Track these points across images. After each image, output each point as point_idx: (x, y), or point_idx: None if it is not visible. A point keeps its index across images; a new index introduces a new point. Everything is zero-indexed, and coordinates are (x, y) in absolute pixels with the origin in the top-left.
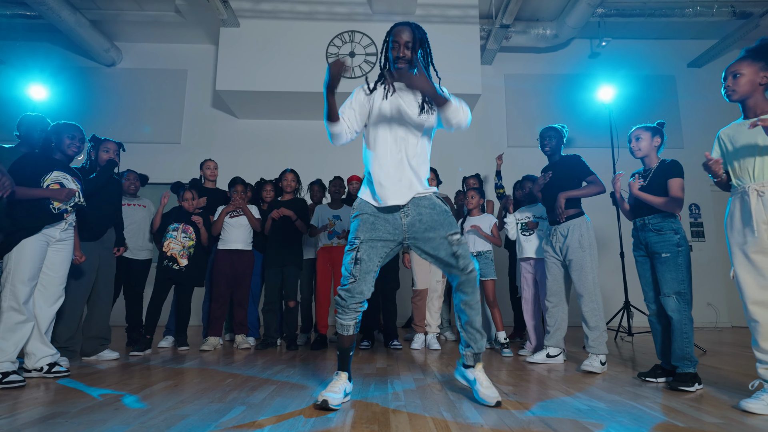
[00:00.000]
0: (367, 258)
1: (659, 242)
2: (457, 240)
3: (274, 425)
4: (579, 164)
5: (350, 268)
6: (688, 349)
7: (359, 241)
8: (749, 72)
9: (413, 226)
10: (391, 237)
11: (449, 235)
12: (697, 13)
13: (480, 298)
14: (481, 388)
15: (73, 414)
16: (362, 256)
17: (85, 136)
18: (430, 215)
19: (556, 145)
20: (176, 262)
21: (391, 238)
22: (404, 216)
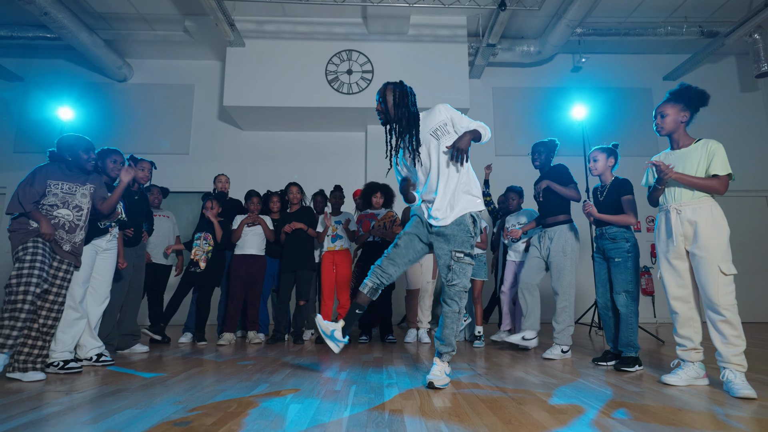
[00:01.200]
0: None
1: (613, 249)
2: (458, 258)
3: (295, 395)
4: (563, 173)
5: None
6: (632, 337)
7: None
8: (672, 112)
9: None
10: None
11: (454, 251)
12: (669, 32)
13: (457, 311)
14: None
15: (133, 390)
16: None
17: (125, 158)
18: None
19: (545, 159)
20: (198, 266)
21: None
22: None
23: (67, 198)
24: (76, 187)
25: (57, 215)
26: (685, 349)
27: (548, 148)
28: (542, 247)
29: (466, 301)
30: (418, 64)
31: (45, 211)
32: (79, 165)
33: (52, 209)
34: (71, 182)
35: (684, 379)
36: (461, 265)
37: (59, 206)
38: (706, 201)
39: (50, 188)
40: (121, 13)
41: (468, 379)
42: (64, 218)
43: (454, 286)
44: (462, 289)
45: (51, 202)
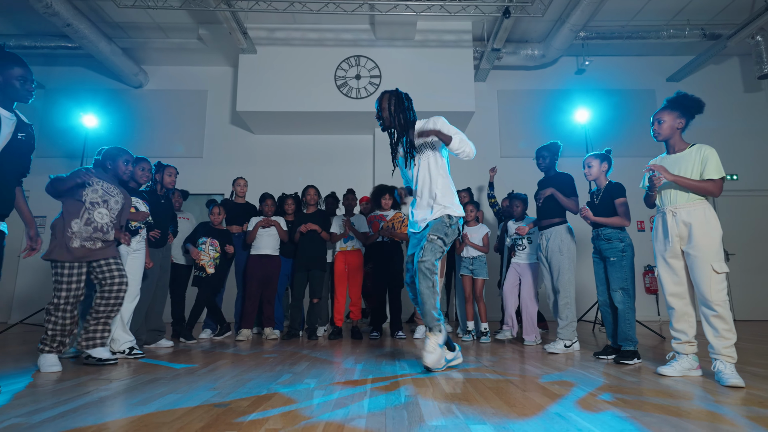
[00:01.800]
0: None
1: (609, 249)
2: (431, 239)
3: (317, 383)
4: (567, 184)
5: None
6: (630, 332)
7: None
8: (669, 119)
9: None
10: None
11: (429, 234)
12: (671, 35)
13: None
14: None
15: (168, 379)
16: None
17: (152, 166)
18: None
19: (549, 162)
20: (204, 271)
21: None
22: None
23: (107, 197)
24: (114, 189)
25: (96, 217)
26: (679, 342)
27: (551, 151)
28: (542, 249)
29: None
30: (424, 68)
31: (86, 210)
32: (116, 174)
33: (93, 207)
34: (111, 184)
35: (678, 370)
36: (432, 245)
37: (99, 204)
38: (700, 204)
39: (92, 185)
40: (138, 23)
41: (476, 370)
42: (103, 219)
43: (423, 263)
44: (431, 267)
45: (93, 199)
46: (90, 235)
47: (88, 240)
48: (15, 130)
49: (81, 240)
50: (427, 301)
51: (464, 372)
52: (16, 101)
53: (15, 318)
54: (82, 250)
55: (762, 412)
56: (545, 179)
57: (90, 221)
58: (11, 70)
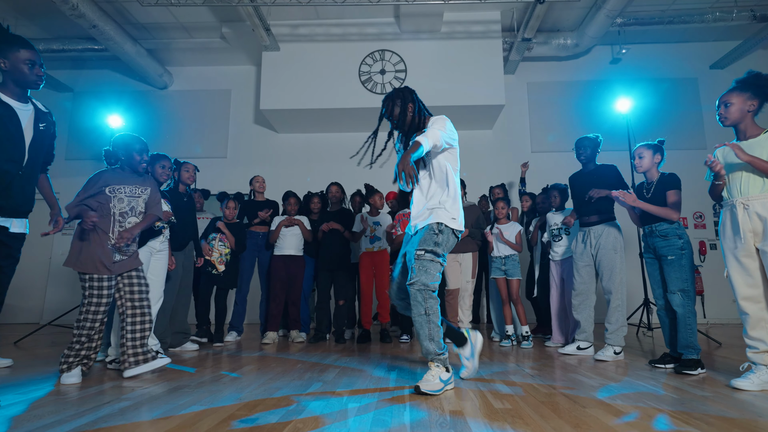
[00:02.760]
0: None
1: (665, 246)
2: (418, 255)
3: (351, 395)
4: (615, 176)
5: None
6: (692, 338)
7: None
8: (738, 101)
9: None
10: None
11: (416, 251)
12: (717, 18)
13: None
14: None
15: (193, 387)
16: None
17: (172, 164)
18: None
19: (590, 153)
20: (215, 268)
21: None
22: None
23: (133, 203)
24: (136, 190)
25: (128, 226)
26: (756, 352)
27: (593, 142)
28: (589, 247)
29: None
30: (451, 61)
31: (118, 221)
32: (131, 165)
33: (124, 219)
34: (132, 185)
35: (756, 384)
36: (421, 262)
37: (129, 214)
38: None
39: (115, 194)
40: (162, 23)
41: (521, 380)
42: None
43: (413, 284)
44: (421, 288)
45: (121, 210)
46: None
47: (122, 253)
48: (35, 121)
49: (120, 254)
50: (421, 331)
51: (509, 383)
52: (27, 88)
53: (46, 319)
54: (119, 264)
55: None
56: (584, 173)
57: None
58: (17, 53)
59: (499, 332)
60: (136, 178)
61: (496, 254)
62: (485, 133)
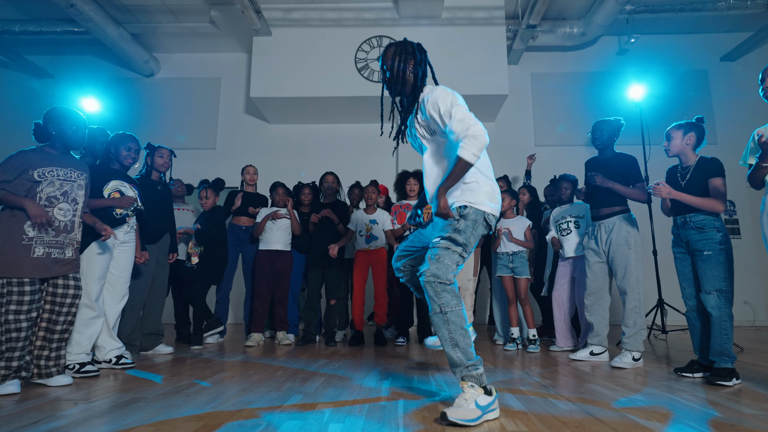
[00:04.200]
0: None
1: (701, 240)
2: (434, 243)
3: (334, 410)
4: (633, 167)
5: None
6: (727, 345)
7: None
8: None
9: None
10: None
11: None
12: (730, 6)
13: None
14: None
15: (150, 400)
16: None
17: (140, 146)
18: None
19: (607, 139)
20: (189, 260)
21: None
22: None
23: (65, 187)
24: (72, 173)
25: (57, 215)
26: None
27: (613, 126)
28: (600, 242)
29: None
30: (452, 49)
31: (44, 207)
32: (63, 142)
33: (51, 205)
34: (65, 167)
35: None
36: (434, 251)
37: (59, 199)
38: None
39: (44, 176)
40: (147, 5)
41: (532, 391)
42: (65, 216)
43: (422, 275)
44: (433, 280)
45: (50, 194)
46: (53, 239)
47: (55, 247)
48: None
49: (45, 246)
50: (440, 335)
51: (520, 395)
52: None
53: None
54: (45, 261)
55: None
56: (600, 160)
57: (50, 222)
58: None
59: (503, 335)
60: (70, 160)
61: (502, 250)
62: (488, 125)
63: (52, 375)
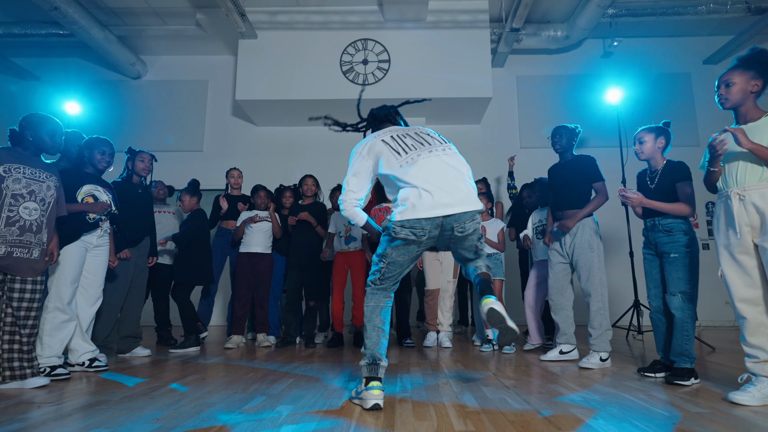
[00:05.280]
0: None
1: (669, 243)
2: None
3: (291, 412)
4: (592, 167)
5: None
6: (688, 345)
7: None
8: (741, 81)
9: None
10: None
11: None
12: (711, 10)
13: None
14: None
15: (114, 402)
16: None
17: (114, 149)
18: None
19: (566, 143)
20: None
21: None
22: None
23: (33, 186)
24: (41, 174)
25: (22, 214)
26: (756, 362)
27: (570, 132)
28: (564, 245)
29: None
30: (436, 52)
31: (8, 204)
32: (40, 148)
33: (17, 202)
34: (34, 167)
35: (757, 398)
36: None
37: (25, 197)
38: None
39: (11, 173)
40: (133, 8)
41: (494, 392)
42: (31, 216)
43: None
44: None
45: (16, 191)
46: (16, 237)
47: (19, 246)
48: None
49: (7, 246)
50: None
51: (481, 396)
52: None
53: None
54: (7, 260)
55: None
56: (561, 164)
57: (14, 220)
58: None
59: (480, 336)
60: (39, 162)
61: None
62: (473, 128)
63: (27, 377)
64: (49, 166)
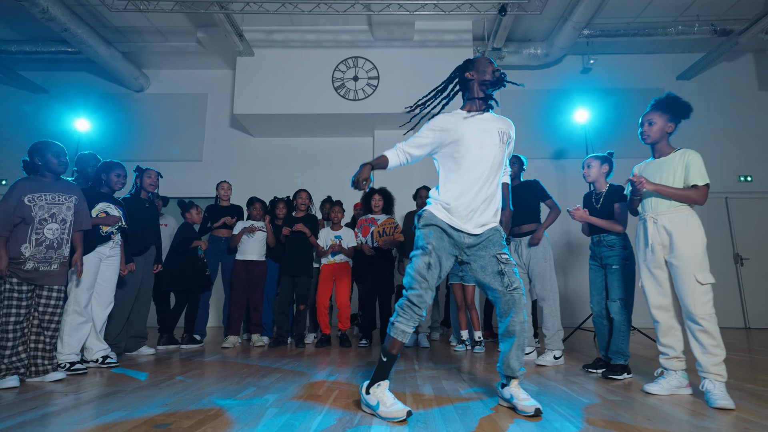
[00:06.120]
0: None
1: (612, 256)
2: (506, 259)
3: (277, 399)
4: (539, 188)
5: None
6: (623, 345)
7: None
8: (660, 122)
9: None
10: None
11: (498, 254)
12: (680, 31)
13: (524, 320)
14: (518, 402)
15: (127, 392)
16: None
17: (126, 172)
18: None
19: (517, 170)
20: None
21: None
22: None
23: (54, 209)
24: (60, 197)
25: (47, 234)
26: (667, 358)
27: (519, 161)
28: (521, 256)
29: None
30: (423, 69)
31: (35, 229)
32: (50, 169)
33: (41, 226)
34: (54, 192)
35: (666, 389)
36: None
37: (48, 220)
38: (682, 210)
39: (34, 201)
40: (137, 27)
41: (451, 385)
42: (54, 234)
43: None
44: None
45: (40, 216)
46: (44, 255)
47: (43, 262)
48: None
49: (35, 262)
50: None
51: (439, 386)
52: None
53: None
54: (34, 273)
55: None
56: (517, 186)
57: (41, 241)
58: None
59: (456, 337)
60: (59, 185)
61: None
62: None
63: (48, 372)
64: (68, 187)
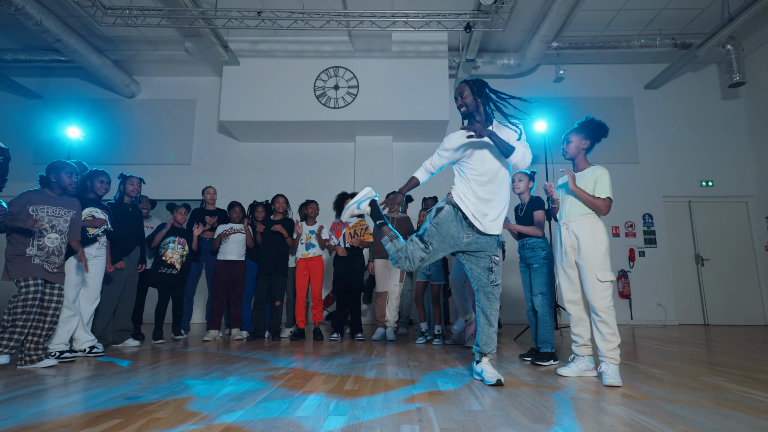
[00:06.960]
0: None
1: (533, 257)
2: (497, 260)
3: (237, 379)
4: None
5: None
6: (548, 334)
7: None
8: (576, 140)
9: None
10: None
11: (493, 254)
12: (643, 44)
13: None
14: (486, 374)
15: (109, 375)
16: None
17: (110, 178)
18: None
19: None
20: (174, 268)
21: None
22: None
23: (54, 221)
24: (60, 211)
25: (47, 243)
26: (577, 345)
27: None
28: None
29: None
30: (401, 79)
31: (35, 239)
32: (62, 186)
33: (42, 235)
34: (55, 206)
35: (575, 371)
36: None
37: (48, 231)
38: (588, 218)
39: (37, 212)
40: (128, 36)
41: (394, 370)
42: (53, 243)
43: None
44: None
45: (42, 227)
46: (46, 258)
47: (46, 262)
48: None
49: (40, 259)
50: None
51: (383, 371)
52: None
53: None
54: (41, 269)
55: (590, 402)
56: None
57: (42, 247)
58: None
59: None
60: (61, 200)
61: None
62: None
63: (42, 359)
64: (69, 203)
